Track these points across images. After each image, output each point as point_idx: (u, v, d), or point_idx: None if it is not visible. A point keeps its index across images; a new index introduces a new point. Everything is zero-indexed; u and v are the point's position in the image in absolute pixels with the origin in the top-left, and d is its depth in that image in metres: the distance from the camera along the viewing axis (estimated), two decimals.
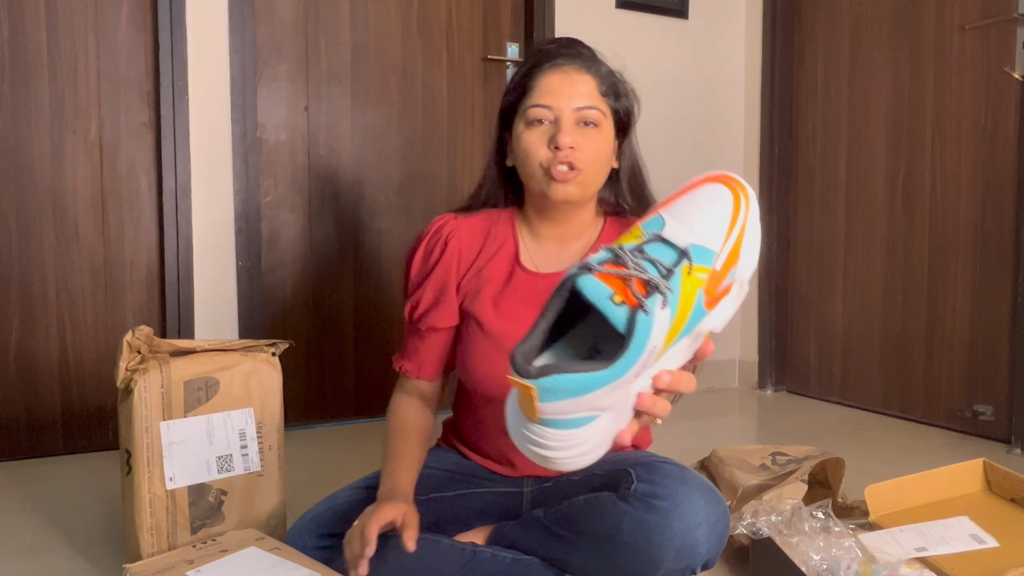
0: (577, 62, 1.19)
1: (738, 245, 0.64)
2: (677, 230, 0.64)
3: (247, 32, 2.29)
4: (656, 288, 0.60)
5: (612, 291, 0.60)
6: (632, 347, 0.60)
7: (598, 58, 1.22)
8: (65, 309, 2.16)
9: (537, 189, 1.20)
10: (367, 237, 2.51)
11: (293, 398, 2.37)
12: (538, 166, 1.18)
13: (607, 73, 1.22)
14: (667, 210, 0.66)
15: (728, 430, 2.56)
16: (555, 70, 1.18)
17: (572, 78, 1.18)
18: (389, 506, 1.08)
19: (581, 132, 1.17)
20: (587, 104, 1.17)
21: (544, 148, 1.17)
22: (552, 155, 1.16)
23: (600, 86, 1.19)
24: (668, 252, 0.63)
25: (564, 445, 0.65)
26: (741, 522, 1.31)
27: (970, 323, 2.37)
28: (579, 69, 1.18)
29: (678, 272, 0.62)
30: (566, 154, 1.15)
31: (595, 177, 1.20)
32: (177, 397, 1.31)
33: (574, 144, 1.15)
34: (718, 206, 0.64)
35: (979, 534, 1.39)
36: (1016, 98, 2.22)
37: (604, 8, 2.77)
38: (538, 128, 1.18)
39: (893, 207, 2.59)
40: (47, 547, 1.52)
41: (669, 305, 0.61)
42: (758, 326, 3.03)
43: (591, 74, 1.19)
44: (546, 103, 1.17)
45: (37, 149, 2.11)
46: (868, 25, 2.66)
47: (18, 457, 2.11)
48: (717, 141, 3.03)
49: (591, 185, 1.21)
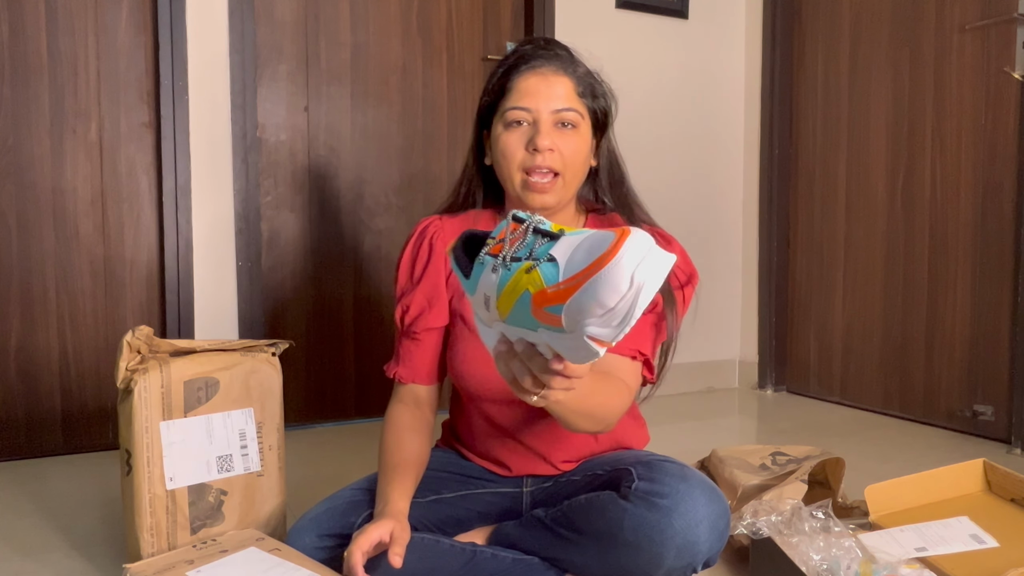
0: (555, 63, 1.19)
1: (573, 289, 0.70)
2: (560, 246, 0.74)
3: (247, 32, 2.29)
4: (501, 259, 0.78)
5: (491, 245, 0.81)
6: (472, 276, 0.83)
7: (575, 59, 1.23)
8: (65, 309, 2.16)
9: (514, 194, 1.21)
10: (367, 237, 2.51)
11: (293, 398, 2.37)
12: (517, 168, 1.18)
13: (584, 74, 1.22)
14: (585, 233, 0.74)
15: (728, 430, 2.56)
16: (532, 72, 1.19)
17: (550, 80, 1.18)
18: (375, 526, 1.08)
19: (559, 134, 1.17)
20: (565, 106, 1.18)
21: (522, 150, 1.17)
22: (531, 156, 1.17)
23: (577, 87, 1.20)
24: (531, 251, 0.77)
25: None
26: (741, 522, 1.31)
27: (970, 323, 2.37)
28: (556, 71, 1.19)
29: (520, 265, 0.76)
30: (544, 156, 1.16)
31: (573, 179, 1.21)
32: (177, 397, 1.30)
33: (552, 146, 1.16)
34: (595, 255, 0.69)
35: (979, 534, 1.39)
36: (1016, 98, 2.22)
37: (604, 8, 2.77)
38: (517, 130, 1.18)
39: (893, 207, 2.59)
40: (47, 547, 1.52)
41: (498, 276, 0.78)
42: (758, 326, 3.03)
43: (568, 75, 1.19)
44: (524, 105, 1.17)
45: (37, 149, 2.11)
46: (868, 25, 2.66)
47: (18, 457, 2.11)
48: (717, 141, 3.03)
49: (569, 188, 1.21)
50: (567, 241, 0.74)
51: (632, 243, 0.67)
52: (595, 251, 0.69)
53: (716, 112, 3.02)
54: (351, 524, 1.17)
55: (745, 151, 3.08)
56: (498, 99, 1.21)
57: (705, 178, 3.00)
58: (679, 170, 2.93)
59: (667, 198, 2.84)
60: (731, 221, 3.09)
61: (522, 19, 2.69)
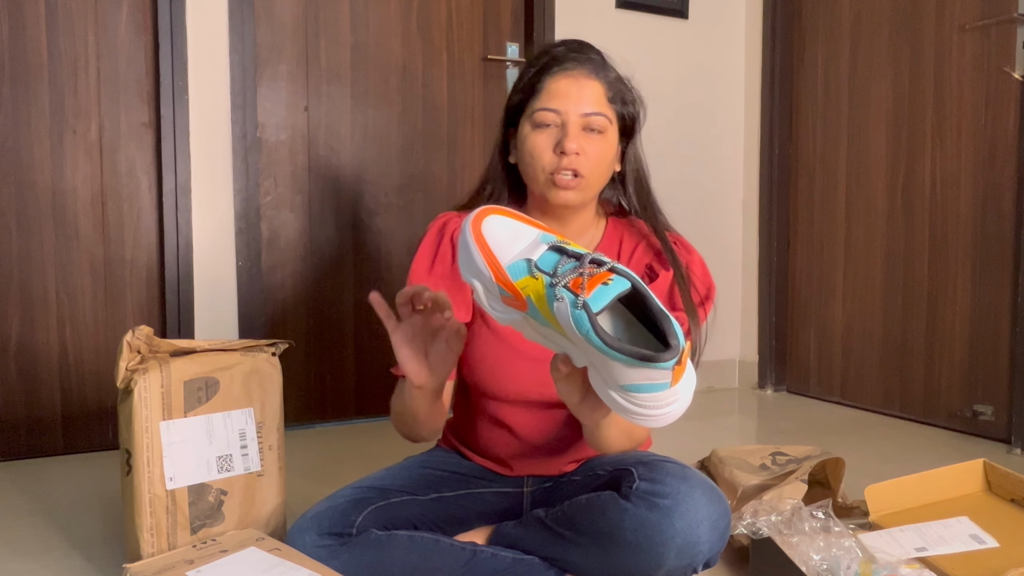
0: (587, 67, 1.20)
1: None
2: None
3: (247, 32, 2.29)
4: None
5: (571, 278, 0.81)
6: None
7: (607, 64, 1.23)
8: (65, 308, 2.16)
9: (539, 191, 1.22)
10: (367, 237, 2.51)
11: (293, 398, 2.37)
12: (542, 169, 1.19)
13: (615, 79, 1.23)
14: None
15: (728, 430, 2.56)
16: (564, 74, 1.19)
17: (581, 83, 1.19)
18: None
19: (586, 138, 1.18)
20: (594, 110, 1.18)
21: (549, 152, 1.18)
22: (557, 159, 1.17)
23: (608, 92, 1.21)
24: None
25: None
26: (741, 522, 1.31)
27: (970, 323, 2.37)
28: (588, 74, 1.19)
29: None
30: (571, 160, 1.17)
31: (597, 182, 1.22)
32: (177, 397, 1.30)
33: (579, 150, 1.17)
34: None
35: (979, 534, 1.39)
36: (1016, 98, 2.22)
37: (604, 8, 2.77)
38: (544, 131, 1.19)
39: (893, 207, 2.59)
40: (47, 547, 1.52)
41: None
42: (758, 326, 3.03)
43: (599, 80, 1.20)
44: (554, 107, 1.18)
45: (37, 149, 2.11)
46: (868, 25, 2.66)
47: (18, 457, 2.11)
48: (717, 141, 3.03)
49: (592, 190, 1.22)
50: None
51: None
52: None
53: (716, 112, 3.02)
54: (352, 523, 1.17)
55: (745, 151, 3.08)
56: (528, 98, 1.21)
57: (705, 178, 3.00)
58: (679, 170, 2.93)
59: (667, 198, 2.80)
60: (731, 221, 3.09)
61: (522, 19, 2.69)
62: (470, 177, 2.62)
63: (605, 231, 1.30)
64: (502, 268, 0.83)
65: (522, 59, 2.67)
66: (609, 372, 0.79)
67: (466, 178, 2.62)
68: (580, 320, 0.78)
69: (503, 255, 0.84)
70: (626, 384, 0.78)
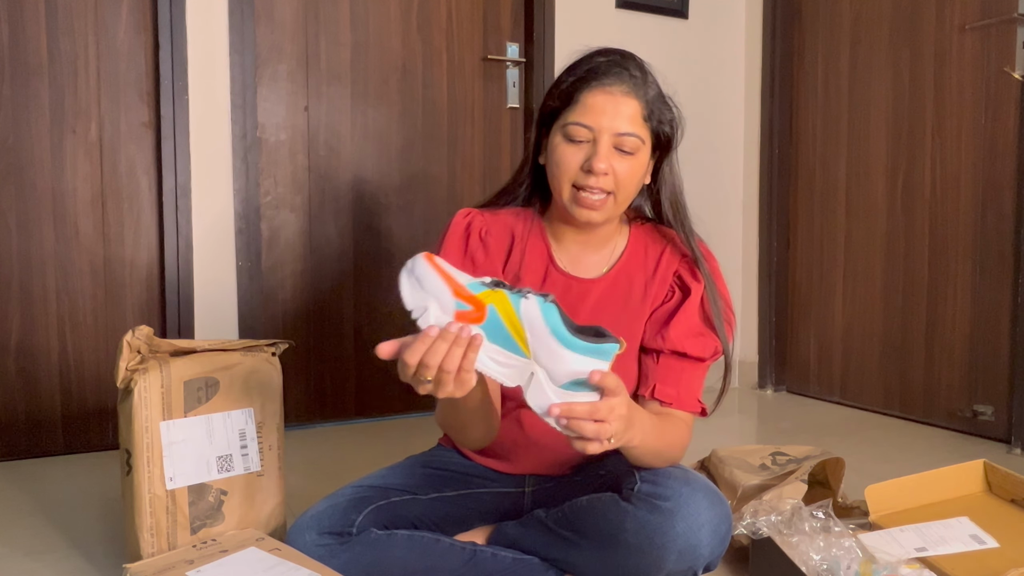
0: (626, 84, 1.17)
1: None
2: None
3: (247, 32, 2.29)
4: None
5: None
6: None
7: (648, 80, 1.20)
8: (65, 309, 2.16)
9: (562, 204, 1.20)
10: (367, 237, 2.51)
11: (293, 398, 2.37)
12: (568, 182, 1.17)
13: (654, 97, 1.20)
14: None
15: (728, 430, 2.56)
16: (601, 89, 1.16)
17: (617, 100, 1.16)
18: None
19: (616, 157, 1.16)
20: (627, 131, 1.15)
21: (576, 167, 1.16)
22: (584, 176, 1.15)
23: (644, 110, 1.18)
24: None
25: None
26: (741, 522, 1.31)
27: (970, 323, 2.37)
28: (627, 92, 1.16)
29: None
30: (598, 179, 1.15)
31: (623, 201, 1.20)
32: (177, 397, 1.30)
33: (608, 170, 1.15)
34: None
35: (979, 534, 1.39)
36: (1016, 98, 2.22)
37: (604, 8, 2.77)
38: (575, 145, 1.16)
39: (893, 207, 2.59)
40: (47, 547, 1.52)
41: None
42: (758, 326, 3.03)
43: (637, 98, 1.17)
44: (587, 123, 1.15)
45: (37, 149, 2.11)
46: (868, 25, 2.66)
47: (18, 457, 2.11)
48: (717, 141, 3.03)
49: (618, 208, 1.20)
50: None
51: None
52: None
53: (716, 112, 3.02)
54: (352, 522, 1.17)
55: (745, 151, 3.08)
56: (562, 108, 1.19)
57: (705, 178, 3.00)
58: (680, 170, 2.93)
59: None
60: (731, 221, 3.09)
61: (522, 19, 2.69)
62: (470, 177, 2.62)
63: (629, 240, 1.29)
64: (461, 284, 0.93)
65: (522, 59, 2.67)
66: (557, 368, 0.90)
67: (466, 178, 2.62)
68: (549, 312, 0.91)
69: (457, 277, 0.94)
70: (567, 383, 0.90)
